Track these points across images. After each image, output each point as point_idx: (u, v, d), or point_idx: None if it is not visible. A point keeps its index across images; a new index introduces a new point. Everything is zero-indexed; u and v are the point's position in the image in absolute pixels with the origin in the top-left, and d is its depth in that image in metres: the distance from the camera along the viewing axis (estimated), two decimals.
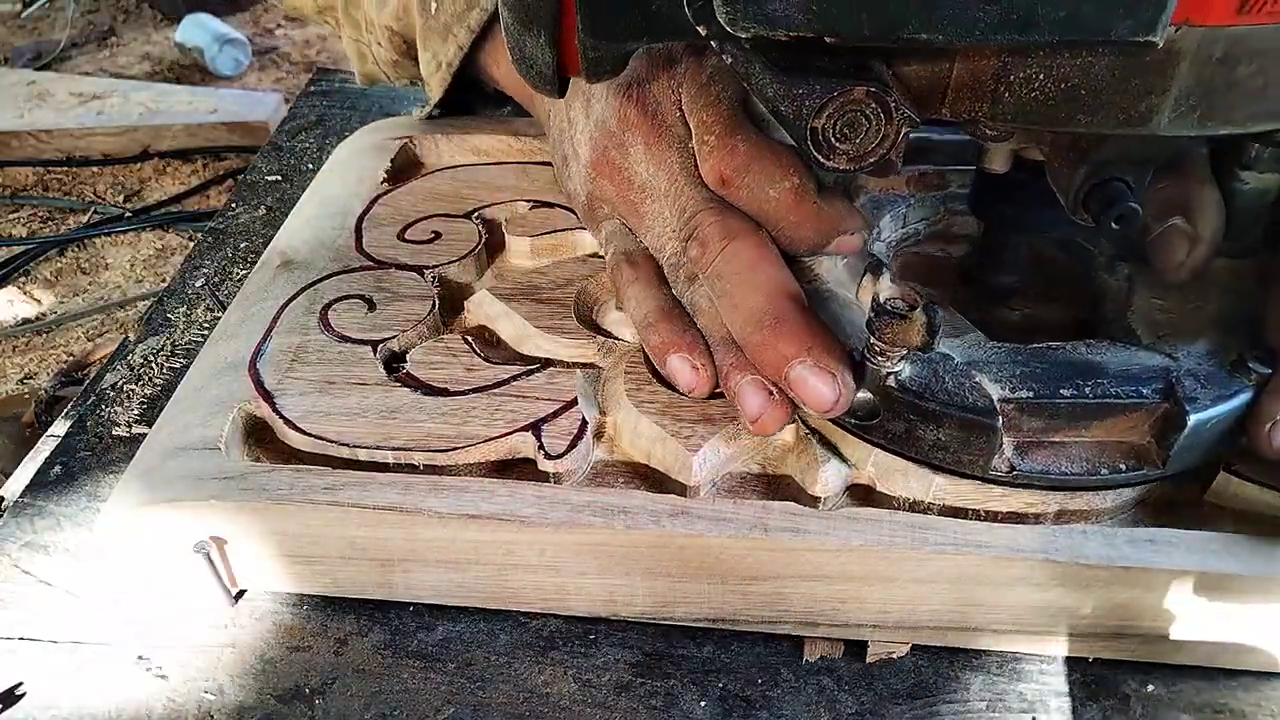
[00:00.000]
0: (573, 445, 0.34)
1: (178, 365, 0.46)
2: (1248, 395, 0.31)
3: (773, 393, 0.32)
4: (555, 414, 0.35)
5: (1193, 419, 0.30)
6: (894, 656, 0.34)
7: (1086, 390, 0.31)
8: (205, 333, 0.48)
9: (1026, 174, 0.33)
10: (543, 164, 0.51)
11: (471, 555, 0.33)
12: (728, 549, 0.32)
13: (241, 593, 0.36)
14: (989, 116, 0.27)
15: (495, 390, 0.36)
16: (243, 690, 0.33)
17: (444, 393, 0.36)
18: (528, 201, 0.47)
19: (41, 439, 0.44)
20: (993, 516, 0.33)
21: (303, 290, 0.41)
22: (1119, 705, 0.33)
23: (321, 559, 0.34)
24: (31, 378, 1.29)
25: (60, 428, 0.44)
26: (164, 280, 1.45)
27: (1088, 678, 0.33)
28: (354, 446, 0.34)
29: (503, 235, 0.45)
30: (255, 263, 0.46)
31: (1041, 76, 0.25)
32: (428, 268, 0.43)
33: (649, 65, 0.38)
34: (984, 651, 0.34)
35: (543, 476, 0.34)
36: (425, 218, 0.46)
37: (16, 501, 0.39)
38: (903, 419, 0.31)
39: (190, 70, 2.13)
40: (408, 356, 0.38)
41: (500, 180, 0.50)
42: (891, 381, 0.30)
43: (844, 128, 0.27)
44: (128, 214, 1.61)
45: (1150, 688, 0.33)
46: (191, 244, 1.49)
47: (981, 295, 0.39)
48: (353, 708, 0.32)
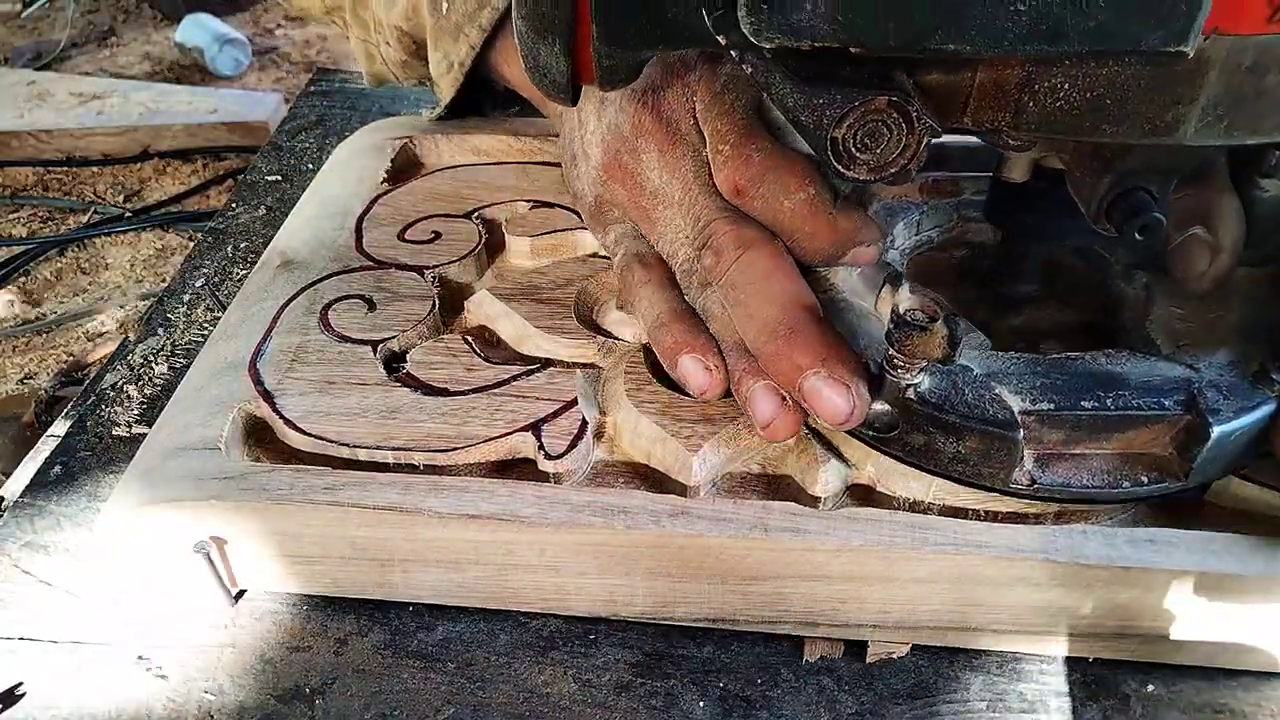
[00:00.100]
0: (573, 445, 0.34)
1: (178, 365, 0.46)
2: (1271, 407, 0.30)
3: (785, 399, 0.32)
4: (555, 414, 0.35)
5: (1216, 431, 0.29)
6: (894, 656, 0.34)
7: (1108, 402, 0.30)
8: (205, 333, 0.48)
9: (1045, 182, 0.33)
10: (543, 164, 0.51)
11: (471, 555, 0.33)
12: (728, 549, 0.32)
13: (241, 593, 0.36)
14: (1012, 126, 0.26)
15: (495, 390, 0.36)
16: (243, 690, 0.33)
17: (444, 393, 0.36)
18: (528, 201, 0.47)
19: (41, 439, 0.44)
20: (993, 516, 0.33)
21: (303, 290, 0.41)
22: (1119, 705, 0.33)
23: (321, 559, 0.34)
24: (31, 378, 1.29)
25: (60, 428, 0.44)
26: (164, 280, 1.45)
27: (1088, 678, 0.33)
28: (354, 446, 0.34)
29: (503, 235, 0.45)
30: (255, 263, 0.46)
31: (1066, 86, 0.25)
32: (428, 268, 0.43)
33: (663, 72, 0.37)
34: (984, 651, 0.34)
35: (543, 476, 0.34)
36: (425, 218, 0.46)
37: (16, 501, 0.39)
38: (922, 432, 0.30)
39: (190, 70, 2.12)
40: (408, 356, 0.38)
41: (500, 180, 0.50)
42: (911, 394, 0.30)
43: (865, 138, 0.27)
44: (128, 214, 1.61)
45: (1150, 688, 0.33)
46: (191, 244, 1.49)
47: (998, 303, 0.39)
48: (353, 708, 0.32)
